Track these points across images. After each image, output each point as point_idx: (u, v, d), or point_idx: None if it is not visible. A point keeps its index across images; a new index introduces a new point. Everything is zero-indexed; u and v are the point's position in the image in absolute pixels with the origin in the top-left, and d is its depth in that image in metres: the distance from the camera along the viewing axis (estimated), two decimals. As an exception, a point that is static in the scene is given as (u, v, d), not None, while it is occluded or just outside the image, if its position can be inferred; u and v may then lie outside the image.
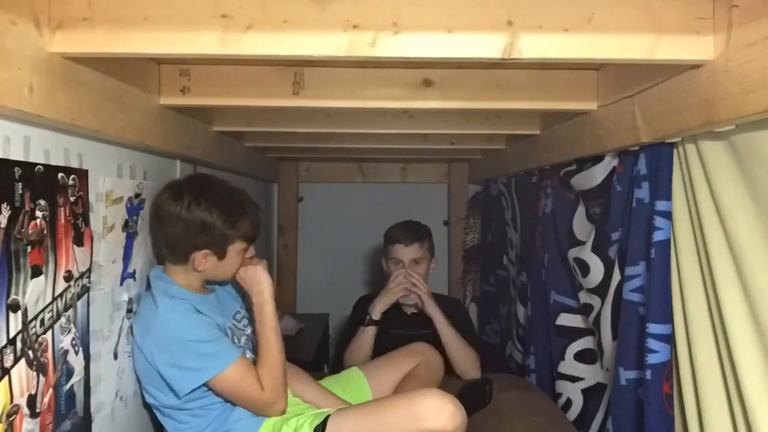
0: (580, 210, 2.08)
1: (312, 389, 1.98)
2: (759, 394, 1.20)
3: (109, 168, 1.54)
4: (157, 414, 1.73)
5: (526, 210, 2.69)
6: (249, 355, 1.79)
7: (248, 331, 1.87)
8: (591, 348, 2.07)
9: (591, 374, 2.08)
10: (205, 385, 1.63)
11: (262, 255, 2.06)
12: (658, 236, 1.50)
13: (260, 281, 1.79)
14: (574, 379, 2.15)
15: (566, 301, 2.19)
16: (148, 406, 1.75)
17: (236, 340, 1.77)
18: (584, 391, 2.12)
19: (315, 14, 1.13)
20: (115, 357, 1.59)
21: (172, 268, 1.73)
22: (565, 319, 2.20)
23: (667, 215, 1.49)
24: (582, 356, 2.12)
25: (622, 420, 1.70)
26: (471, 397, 2.07)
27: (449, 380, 2.26)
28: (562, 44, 1.16)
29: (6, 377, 1.09)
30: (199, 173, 2.12)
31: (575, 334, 2.15)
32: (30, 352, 1.17)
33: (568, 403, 2.17)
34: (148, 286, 1.72)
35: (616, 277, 1.76)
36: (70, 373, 1.33)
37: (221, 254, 1.71)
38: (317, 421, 1.68)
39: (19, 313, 1.13)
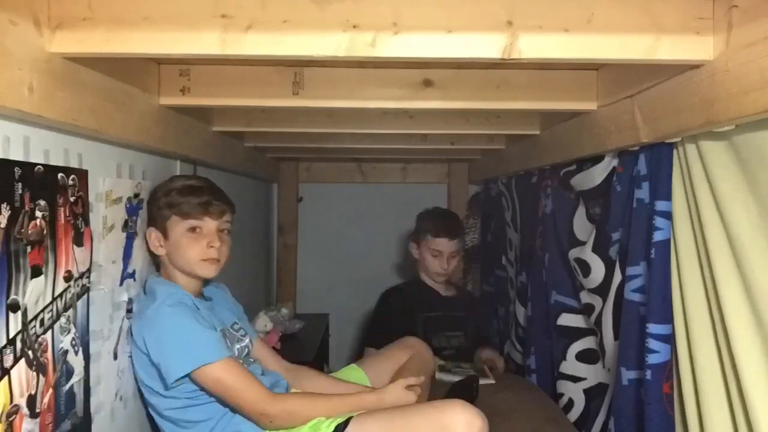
0: (581, 210, 2.08)
1: (322, 381, 2.00)
2: (760, 394, 1.20)
3: (109, 168, 1.54)
4: (160, 423, 1.71)
5: (526, 210, 2.68)
6: (249, 368, 1.75)
7: (246, 342, 1.85)
8: (593, 348, 2.07)
9: (593, 374, 2.08)
10: (195, 383, 1.61)
11: (263, 255, 2.06)
12: (658, 236, 1.50)
13: (399, 400, 1.75)
14: (575, 380, 2.15)
15: (567, 301, 2.19)
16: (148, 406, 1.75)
17: (229, 345, 1.74)
18: (586, 392, 2.12)
19: (315, 14, 1.13)
20: (115, 357, 1.59)
21: (165, 271, 1.77)
22: (567, 320, 2.19)
23: (667, 215, 1.49)
24: (584, 356, 2.12)
25: (624, 420, 1.70)
26: (461, 395, 2.08)
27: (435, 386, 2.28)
28: (562, 44, 1.16)
29: (6, 377, 1.09)
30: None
31: (576, 334, 2.15)
32: (30, 353, 1.17)
33: (570, 403, 2.17)
34: (146, 291, 1.72)
35: (617, 277, 1.76)
36: (69, 373, 1.33)
37: (163, 231, 1.72)
38: (339, 421, 1.65)
39: (19, 313, 1.13)
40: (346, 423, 1.64)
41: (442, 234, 2.73)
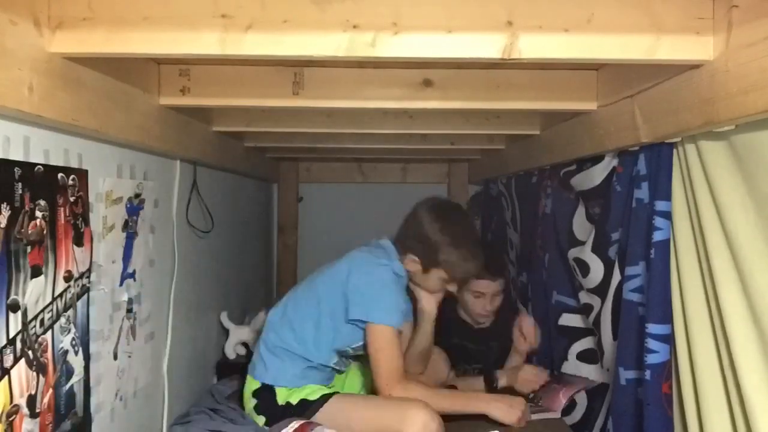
0: (580, 210, 2.08)
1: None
2: (759, 395, 1.20)
3: (109, 168, 1.54)
4: (264, 352, 1.99)
5: (526, 210, 2.68)
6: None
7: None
8: (593, 348, 2.07)
9: (595, 374, 2.08)
10: (361, 329, 1.92)
11: (263, 255, 2.08)
12: (657, 236, 1.50)
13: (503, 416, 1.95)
14: None
15: (568, 301, 2.19)
16: (148, 407, 1.75)
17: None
18: (588, 392, 2.12)
19: (315, 14, 1.13)
20: (115, 357, 1.59)
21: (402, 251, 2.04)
22: (568, 320, 2.19)
23: (667, 215, 1.49)
24: (585, 356, 2.12)
25: (622, 420, 1.70)
26: None
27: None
28: (562, 44, 1.16)
29: (6, 377, 1.09)
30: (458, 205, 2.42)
31: (577, 334, 2.15)
32: (30, 353, 1.17)
33: (572, 403, 2.17)
34: (367, 246, 2.08)
35: (616, 277, 1.76)
36: (69, 373, 1.33)
37: (425, 268, 2.00)
38: (326, 392, 1.93)
39: (19, 313, 1.13)
40: (329, 396, 1.91)
41: (482, 275, 2.34)
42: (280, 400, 1.95)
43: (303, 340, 1.98)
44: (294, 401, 1.93)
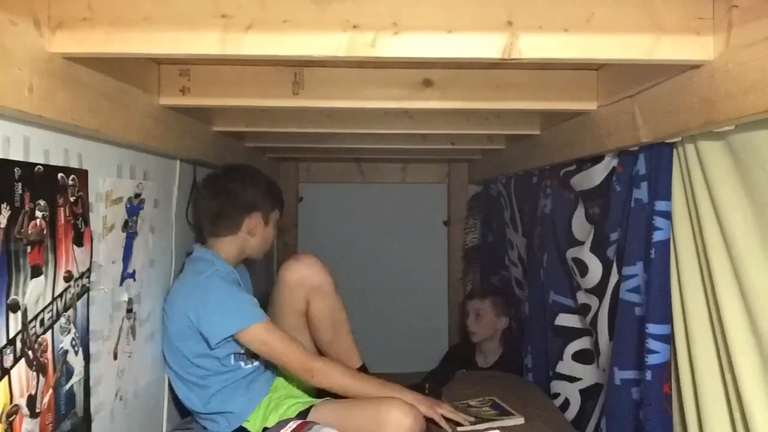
0: (580, 210, 2.08)
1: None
2: (757, 396, 1.20)
3: (109, 168, 1.54)
4: (174, 382, 1.94)
5: (525, 210, 2.68)
6: None
7: None
8: (589, 348, 2.07)
9: (589, 374, 2.08)
10: (237, 343, 1.86)
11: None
12: (657, 236, 1.50)
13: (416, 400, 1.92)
14: (572, 380, 2.15)
15: (565, 301, 2.19)
16: (148, 407, 1.75)
17: None
18: (582, 392, 2.12)
19: (315, 14, 1.13)
20: (115, 357, 1.59)
21: (215, 242, 2.02)
22: (564, 320, 2.19)
23: (667, 215, 1.49)
24: (580, 356, 2.12)
25: (616, 420, 1.70)
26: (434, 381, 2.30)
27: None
28: (562, 44, 1.16)
29: (6, 377, 1.09)
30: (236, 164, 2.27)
31: (573, 334, 2.15)
32: (30, 353, 1.17)
33: (566, 403, 2.17)
34: (188, 263, 1.99)
35: (614, 277, 1.76)
36: (69, 373, 1.33)
37: (266, 219, 2.05)
38: (302, 408, 1.91)
39: (19, 313, 1.13)
40: (307, 411, 1.90)
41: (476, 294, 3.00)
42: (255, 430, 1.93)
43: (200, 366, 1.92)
44: (270, 424, 1.90)
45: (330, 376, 1.90)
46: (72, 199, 1.31)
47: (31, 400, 1.18)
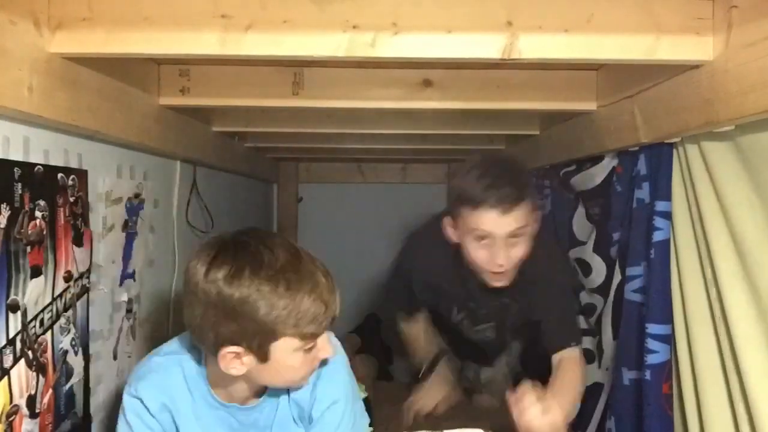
0: (580, 210, 2.07)
1: None
2: (764, 396, 1.19)
3: (109, 168, 1.54)
4: None
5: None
6: None
7: None
8: (588, 348, 2.07)
9: (589, 374, 2.07)
10: None
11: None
12: (657, 236, 1.49)
13: None
14: None
15: (566, 301, 2.18)
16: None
17: None
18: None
19: (315, 14, 1.13)
20: (115, 357, 1.59)
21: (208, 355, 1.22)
22: None
23: (667, 215, 1.49)
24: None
25: (624, 420, 1.70)
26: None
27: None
28: (562, 44, 1.16)
29: (5, 377, 1.09)
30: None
31: (575, 334, 2.15)
32: (29, 353, 1.17)
33: None
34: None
35: (617, 277, 1.76)
36: (69, 373, 1.33)
37: (262, 355, 1.13)
38: None
39: (19, 313, 1.13)
40: None
41: (489, 205, 1.52)
42: None
43: None
44: None
45: None
46: (72, 199, 1.31)
47: (31, 401, 1.18)
